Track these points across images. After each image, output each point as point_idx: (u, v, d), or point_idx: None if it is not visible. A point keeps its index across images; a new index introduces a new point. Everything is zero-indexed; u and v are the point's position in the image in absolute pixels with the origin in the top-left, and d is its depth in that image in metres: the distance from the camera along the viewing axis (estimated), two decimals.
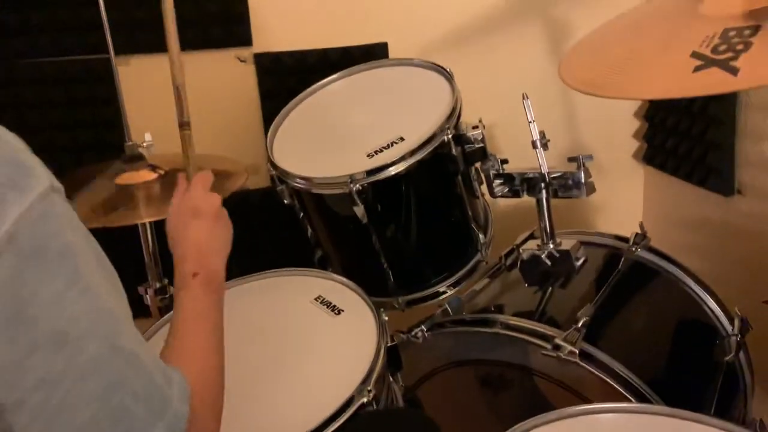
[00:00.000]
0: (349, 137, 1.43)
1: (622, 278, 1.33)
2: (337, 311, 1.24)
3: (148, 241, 1.50)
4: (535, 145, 1.31)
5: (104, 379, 0.59)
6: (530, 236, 1.43)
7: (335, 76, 1.57)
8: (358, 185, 1.27)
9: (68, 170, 1.50)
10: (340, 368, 1.11)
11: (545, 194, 1.33)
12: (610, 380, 1.10)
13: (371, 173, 1.27)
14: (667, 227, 1.94)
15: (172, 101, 1.08)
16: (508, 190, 1.40)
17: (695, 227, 1.87)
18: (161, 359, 0.68)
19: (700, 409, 1.02)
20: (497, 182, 1.41)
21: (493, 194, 1.43)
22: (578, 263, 1.33)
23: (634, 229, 1.44)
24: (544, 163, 1.32)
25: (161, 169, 1.44)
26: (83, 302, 0.59)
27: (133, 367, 0.61)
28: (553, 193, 1.33)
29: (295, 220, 1.48)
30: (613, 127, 1.99)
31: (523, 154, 1.37)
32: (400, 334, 1.29)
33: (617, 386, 1.10)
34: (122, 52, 1.59)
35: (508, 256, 1.45)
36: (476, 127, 1.38)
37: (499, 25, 1.85)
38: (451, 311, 1.32)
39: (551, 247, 1.33)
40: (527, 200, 1.38)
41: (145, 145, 1.47)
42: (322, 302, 1.26)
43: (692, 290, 1.38)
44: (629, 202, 2.05)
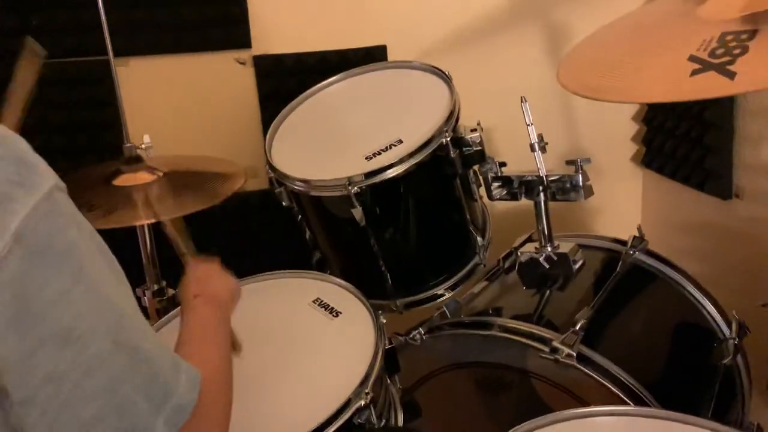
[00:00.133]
0: (347, 139, 1.43)
1: (620, 281, 1.33)
2: (335, 313, 1.24)
3: (146, 243, 1.50)
4: (533, 148, 1.32)
5: (109, 373, 0.60)
6: (528, 239, 1.44)
7: (334, 78, 1.57)
8: (356, 188, 1.27)
9: (67, 172, 1.50)
10: (337, 370, 1.11)
11: (543, 197, 1.34)
12: (607, 383, 1.10)
13: (369, 176, 1.28)
14: (665, 230, 1.94)
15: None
16: (506, 192, 1.41)
17: (693, 231, 1.87)
18: None
19: (697, 412, 1.02)
20: (495, 185, 1.41)
21: (491, 197, 1.43)
22: (576, 266, 1.34)
23: (632, 232, 1.44)
24: (542, 166, 1.32)
25: (159, 170, 1.44)
26: (88, 299, 0.59)
27: (137, 360, 0.62)
28: (551, 196, 1.34)
29: (293, 222, 1.48)
30: (611, 130, 2.00)
31: (521, 157, 1.38)
32: (398, 336, 1.29)
33: (615, 389, 1.10)
34: (121, 53, 1.59)
35: (506, 258, 1.45)
36: (474, 129, 1.38)
37: (497, 28, 1.86)
38: (449, 314, 1.32)
39: (549, 250, 1.34)
40: (525, 203, 1.39)
41: (143, 146, 1.48)
42: (320, 304, 1.26)
43: (690, 293, 1.38)
44: (627, 205, 2.05)
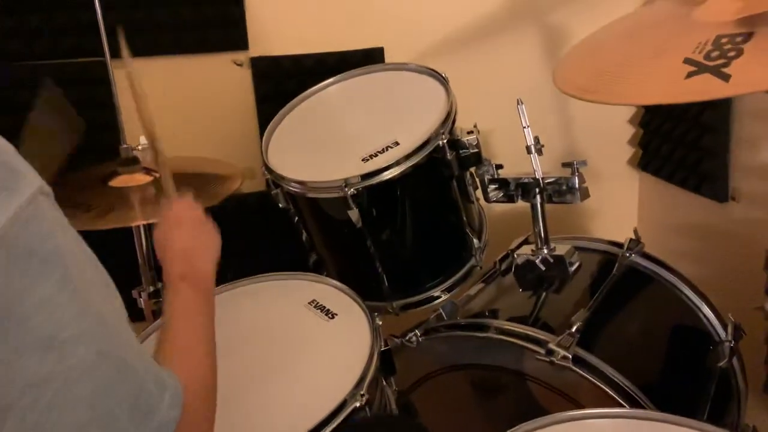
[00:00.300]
0: (344, 141, 1.44)
1: (616, 284, 1.33)
2: (331, 315, 1.24)
3: (142, 244, 1.50)
4: (529, 150, 1.32)
5: (92, 384, 0.58)
6: (525, 241, 1.44)
7: (331, 80, 1.57)
8: (352, 189, 1.27)
9: (63, 172, 1.50)
10: (333, 372, 1.10)
11: (540, 199, 1.34)
12: (603, 385, 1.10)
13: (366, 177, 1.28)
14: (661, 233, 1.94)
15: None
16: (502, 195, 1.41)
17: (689, 233, 1.88)
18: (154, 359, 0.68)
19: (693, 414, 1.03)
20: (492, 187, 1.42)
21: (487, 199, 1.44)
22: (572, 268, 1.34)
23: (628, 234, 1.44)
24: (538, 168, 1.32)
25: (156, 172, 1.44)
26: (72, 306, 0.58)
27: (121, 373, 0.61)
28: (547, 198, 1.34)
29: (290, 223, 1.48)
30: (608, 133, 2.00)
31: (518, 159, 1.38)
32: (393, 338, 1.29)
33: (610, 391, 1.10)
34: (118, 55, 1.58)
35: (502, 261, 1.45)
36: (471, 132, 1.38)
37: (494, 30, 1.86)
38: (445, 316, 1.32)
39: (546, 252, 1.34)
40: (522, 205, 1.39)
41: (140, 148, 1.48)
42: (316, 306, 1.26)
43: (686, 296, 1.38)
44: (624, 207, 2.05)
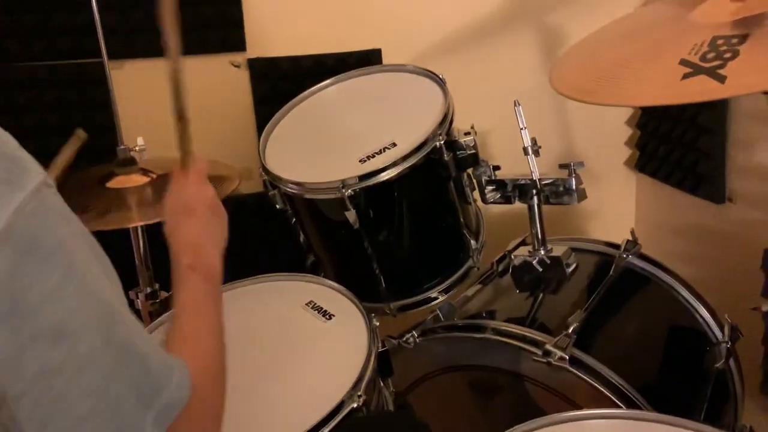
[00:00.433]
0: (341, 142, 1.44)
1: (613, 285, 1.33)
2: (328, 316, 1.24)
3: (139, 245, 1.50)
4: (526, 151, 1.32)
5: (101, 370, 0.60)
6: (522, 242, 1.44)
7: (328, 81, 1.57)
8: (350, 190, 1.27)
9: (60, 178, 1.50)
10: (330, 373, 1.10)
11: (537, 201, 1.34)
12: (600, 386, 1.11)
13: (363, 178, 1.28)
14: (658, 234, 1.94)
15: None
16: (500, 196, 1.41)
17: (686, 234, 1.88)
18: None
19: (689, 415, 1.03)
20: (489, 188, 1.42)
21: (485, 200, 1.44)
22: (569, 269, 1.34)
23: (625, 235, 1.45)
24: (535, 169, 1.33)
25: (153, 173, 1.44)
26: (79, 295, 0.59)
27: (127, 357, 0.62)
28: (544, 199, 1.34)
29: (287, 224, 1.48)
30: (605, 134, 2.00)
31: (515, 160, 1.38)
32: (391, 339, 1.29)
33: (607, 392, 1.10)
34: (116, 56, 1.59)
35: (499, 262, 1.45)
36: (468, 133, 1.38)
37: (491, 32, 1.86)
38: (442, 317, 1.32)
39: (543, 253, 1.34)
40: (519, 206, 1.39)
41: (137, 149, 1.48)
42: (313, 307, 1.26)
43: (683, 297, 1.39)
44: (621, 209, 2.06)
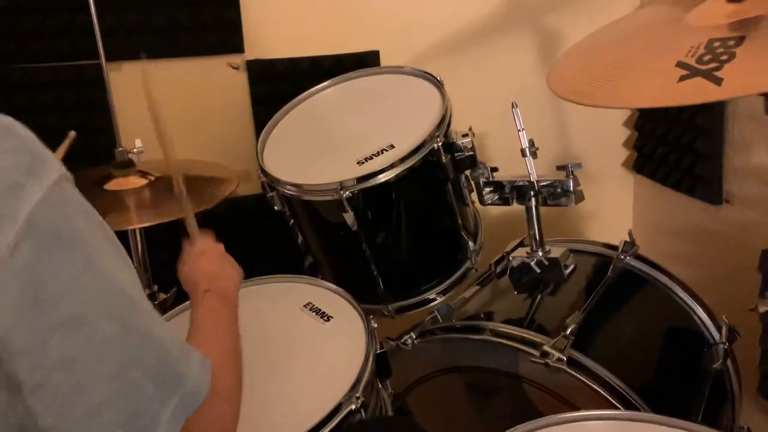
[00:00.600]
0: (339, 144, 1.44)
1: (610, 286, 1.33)
2: (326, 318, 1.24)
3: (137, 247, 1.50)
4: (524, 153, 1.32)
5: (119, 358, 0.61)
6: (520, 244, 1.44)
7: (326, 83, 1.57)
8: (348, 192, 1.27)
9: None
10: (328, 375, 1.11)
11: (535, 202, 1.34)
12: (597, 387, 1.11)
13: (361, 180, 1.28)
14: (656, 236, 1.95)
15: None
16: (497, 197, 1.42)
17: (684, 236, 1.88)
18: None
19: (687, 416, 1.03)
20: (487, 190, 1.42)
21: (482, 202, 1.44)
22: (567, 271, 1.34)
23: (623, 237, 1.45)
24: (533, 171, 1.33)
25: (151, 175, 1.44)
26: (97, 284, 0.61)
27: (146, 344, 0.63)
28: (542, 201, 1.35)
29: (285, 226, 1.48)
30: (603, 136, 2.01)
31: (513, 162, 1.38)
32: (389, 341, 1.29)
33: (605, 393, 1.10)
34: (114, 58, 1.59)
35: (497, 263, 1.45)
36: (466, 135, 1.38)
37: (489, 34, 1.86)
38: (440, 318, 1.32)
39: (540, 254, 1.34)
40: (517, 208, 1.39)
41: (135, 151, 1.48)
42: (311, 309, 1.26)
43: (680, 298, 1.39)
44: (619, 210, 2.06)
